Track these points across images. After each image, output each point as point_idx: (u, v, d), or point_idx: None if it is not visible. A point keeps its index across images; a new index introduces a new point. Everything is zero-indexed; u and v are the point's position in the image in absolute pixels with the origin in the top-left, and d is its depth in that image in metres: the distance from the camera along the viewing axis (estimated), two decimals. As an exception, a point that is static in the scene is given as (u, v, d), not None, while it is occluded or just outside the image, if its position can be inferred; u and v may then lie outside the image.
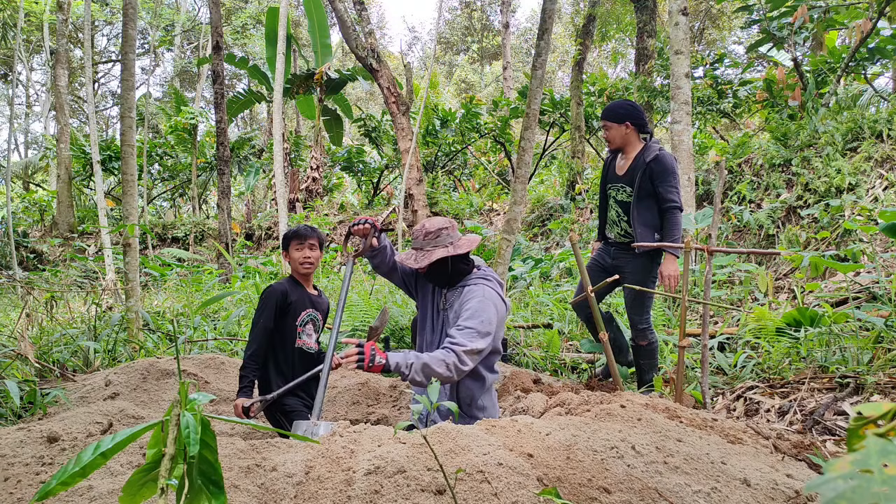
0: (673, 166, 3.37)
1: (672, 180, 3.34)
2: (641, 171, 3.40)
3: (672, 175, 3.35)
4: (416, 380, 2.31)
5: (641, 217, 3.44)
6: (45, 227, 16.10)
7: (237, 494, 1.59)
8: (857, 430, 0.59)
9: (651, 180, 3.38)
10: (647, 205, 3.42)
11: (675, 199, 3.34)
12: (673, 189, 3.34)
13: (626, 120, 3.46)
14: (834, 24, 7.61)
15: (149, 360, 3.63)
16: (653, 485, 1.68)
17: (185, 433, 0.84)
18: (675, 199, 3.34)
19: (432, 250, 2.52)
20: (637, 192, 3.43)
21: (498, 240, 5.42)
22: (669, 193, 3.33)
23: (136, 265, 4.57)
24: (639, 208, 3.44)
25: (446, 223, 2.60)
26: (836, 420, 2.67)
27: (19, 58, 15.16)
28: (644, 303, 3.49)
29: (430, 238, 2.55)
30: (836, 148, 6.24)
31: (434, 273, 2.61)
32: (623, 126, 3.46)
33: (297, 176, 14.97)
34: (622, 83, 10.78)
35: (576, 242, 3.18)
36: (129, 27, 4.60)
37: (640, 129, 3.49)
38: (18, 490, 1.77)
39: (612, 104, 3.56)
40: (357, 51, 10.09)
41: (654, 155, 3.39)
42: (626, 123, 3.46)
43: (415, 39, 37.76)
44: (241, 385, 2.81)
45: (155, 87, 30.40)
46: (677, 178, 3.38)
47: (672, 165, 3.37)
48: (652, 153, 3.40)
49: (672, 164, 3.37)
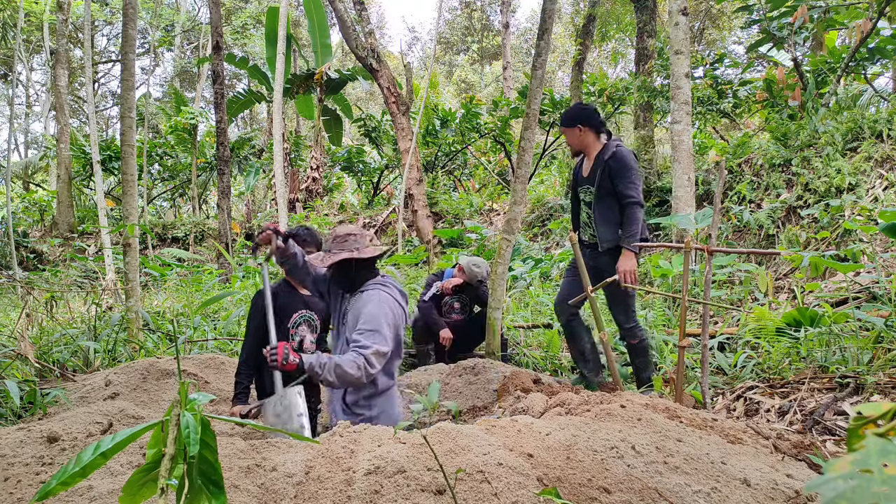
0: (630, 162, 3.36)
1: (630, 175, 3.33)
2: (601, 169, 3.41)
3: (629, 170, 3.34)
4: (329, 380, 2.39)
5: (602, 215, 3.45)
6: (45, 227, 16.10)
7: (237, 494, 1.59)
8: (857, 430, 0.59)
9: (610, 177, 3.38)
10: (609, 203, 3.42)
11: (633, 194, 3.33)
12: (631, 185, 3.33)
13: (576, 123, 3.48)
14: (834, 24, 7.61)
15: (149, 360, 3.63)
16: (653, 485, 1.68)
17: (185, 433, 0.84)
18: (633, 194, 3.33)
19: (338, 252, 2.60)
20: (597, 190, 3.44)
21: (498, 240, 5.42)
22: (627, 189, 3.33)
23: (136, 265, 4.57)
24: (600, 207, 3.45)
25: (356, 230, 2.69)
26: (836, 420, 2.67)
27: (19, 58, 15.16)
28: (625, 301, 3.48)
29: (337, 242, 2.64)
30: (836, 148, 6.24)
31: (338, 276, 2.69)
32: (576, 129, 3.49)
33: (297, 176, 14.96)
34: (622, 83, 10.78)
35: (575, 242, 3.18)
36: (129, 27, 4.60)
37: (595, 129, 3.50)
38: (18, 490, 1.77)
39: (566, 110, 3.60)
40: (357, 51, 10.09)
41: (611, 152, 3.40)
42: (578, 126, 3.48)
43: (415, 39, 37.77)
44: (235, 392, 2.83)
45: (155, 87, 30.42)
46: (636, 174, 3.36)
47: (629, 161, 3.35)
48: (610, 151, 3.41)
49: (629, 159, 3.36)
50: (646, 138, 9.75)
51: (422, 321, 4.59)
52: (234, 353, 4.60)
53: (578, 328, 3.67)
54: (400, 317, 2.63)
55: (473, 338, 4.61)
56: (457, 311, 4.72)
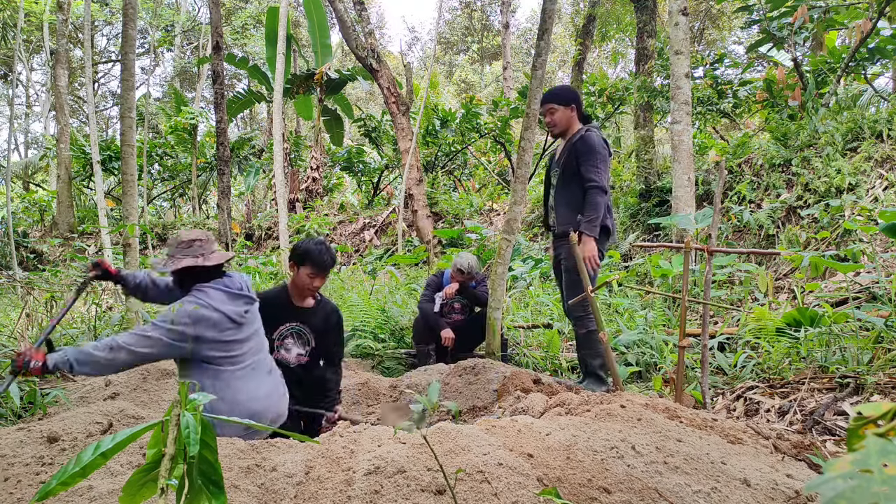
0: (597, 145, 3.28)
1: (593, 159, 3.24)
2: (569, 151, 3.35)
3: (594, 154, 3.25)
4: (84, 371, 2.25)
5: (563, 197, 3.37)
6: (45, 227, 16.10)
7: (237, 494, 1.59)
8: (857, 430, 0.59)
9: (576, 159, 3.30)
10: (572, 187, 3.33)
11: (596, 178, 3.23)
12: (594, 168, 3.24)
13: (572, 102, 3.42)
14: (834, 24, 7.61)
15: (149, 360, 3.62)
16: (653, 485, 1.68)
17: (185, 433, 0.84)
18: (596, 178, 3.23)
19: (182, 258, 2.46)
20: (562, 172, 3.37)
21: (498, 240, 5.43)
22: (589, 172, 3.24)
23: (137, 265, 4.57)
24: (562, 190, 3.38)
25: (202, 235, 2.53)
26: (836, 420, 2.67)
27: (19, 58, 15.16)
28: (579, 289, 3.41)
29: (181, 247, 2.49)
30: (836, 148, 6.24)
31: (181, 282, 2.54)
32: (569, 108, 3.43)
33: (297, 176, 14.97)
34: (622, 83, 10.78)
35: (575, 243, 3.17)
36: (129, 27, 4.60)
37: (580, 113, 3.45)
38: (18, 490, 1.77)
39: (555, 88, 3.52)
40: (357, 51, 10.09)
41: (580, 135, 3.33)
42: (572, 106, 3.43)
43: (415, 39, 37.76)
44: None
45: (155, 87, 30.40)
46: (601, 158, 3.27)
47: (596, 144, 3.27)
48: (579, 134, 3.34)
49: (597, 143, 3.28)
50: (646, 138, 9.75)
51: (422, 321, 4.59)
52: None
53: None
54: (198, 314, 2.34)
55: (473, 338, 4.61)
56: (457, 312, 4.72)
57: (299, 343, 3.01)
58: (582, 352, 3.51)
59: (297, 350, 3.00)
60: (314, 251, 2.91)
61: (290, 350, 2.98)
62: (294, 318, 2.99)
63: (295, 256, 2.98)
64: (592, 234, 3.23)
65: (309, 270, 2.92)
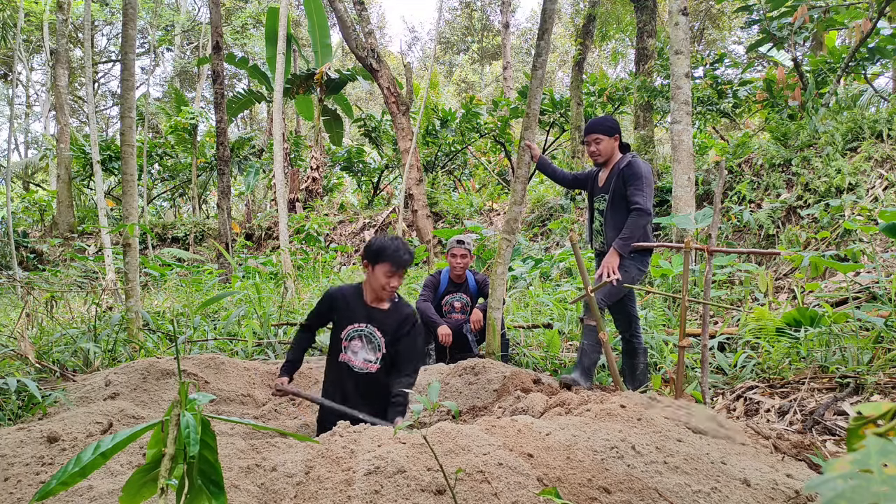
0: (644, 172, 3.45)
1: (639, 184, 3.41)
2: (616, 176, 3.52)
3: (641, 179, 3.42)
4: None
5: (613, 221, 3.54)
6: (45, 227, 16.10)
7: (237, 494, 1.59)
8: (857, 430, 0.59)
9: (624, 184, 3.48)
10: (620, 211, 3.51)
11: (640, 201, 3.39)
12: (639, 192, 3.40)
13: (615, 133, 3.60)
14: (834, 24, 7.61)
15: (149, 360, 3.62)
16: (653, 485, 1.68)
17: (185, 433, 0.84)
18: (640, 201, 3.39)
19: None
20: (611, 197, 3.54)
21: (498, 240, 5.42)
22: (635, 196, 3.41)
23: (136, 265, 4.57)
24: (612, 214, 3.55)
25: None
26: (836, 420, 2.67)
27: (19, 58, 15.16)
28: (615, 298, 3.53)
29: None
30: (836, 148, 6.24)
31: None
32: (614, 139, 3.60)
33: (297, 176, 14.97)
34: (622, 83, 10.78)
35: (576, 242, 3.18)
36: (129, 27, 4.60)
37: (620, 142, 3.66)
38: (18, 490, 1.77)
39: (600, 119, 3.67)
40: (357, 51, 10.09)
41: (627, 161, 3.52)
42: (616, 136, 3.61)
43: (415, 39, 37.77)
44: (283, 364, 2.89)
45: (155, 87, 30.39)
46: (647, 183, 3.44)
47: (643, 171, 3.45)
48: (626, 160, 3.53)
49: (644, 169, 3.46)
50: (646, 138, 9.75)
51: (420, 321, 4.58)
52: (234, 353, 4.60)
53: (639, 347, 3.71)
54: None
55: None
56: (457, 311, 4.72)
57: (369, 348, 2.76)
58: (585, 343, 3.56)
59: (363, 355, 2.76)
60: (390, 247, 2.72)
61: (357, 353, 2.75)
62: (365, 320, 2.76)
63: (369, 254, 2.78)
64: (621, 252, 3.40)
65: (386, 269, 2.71)
